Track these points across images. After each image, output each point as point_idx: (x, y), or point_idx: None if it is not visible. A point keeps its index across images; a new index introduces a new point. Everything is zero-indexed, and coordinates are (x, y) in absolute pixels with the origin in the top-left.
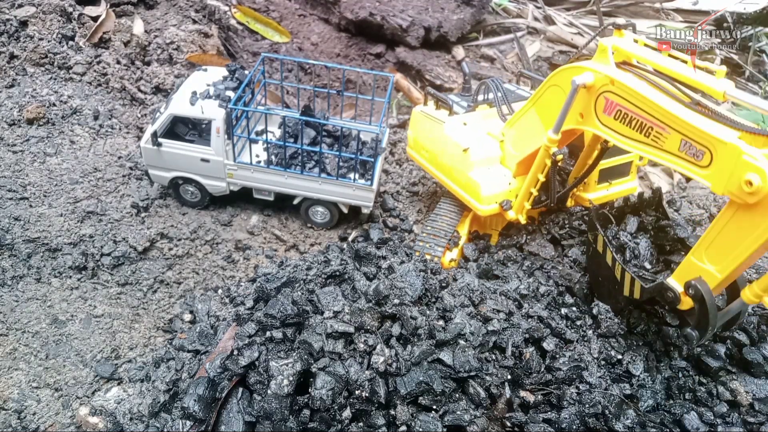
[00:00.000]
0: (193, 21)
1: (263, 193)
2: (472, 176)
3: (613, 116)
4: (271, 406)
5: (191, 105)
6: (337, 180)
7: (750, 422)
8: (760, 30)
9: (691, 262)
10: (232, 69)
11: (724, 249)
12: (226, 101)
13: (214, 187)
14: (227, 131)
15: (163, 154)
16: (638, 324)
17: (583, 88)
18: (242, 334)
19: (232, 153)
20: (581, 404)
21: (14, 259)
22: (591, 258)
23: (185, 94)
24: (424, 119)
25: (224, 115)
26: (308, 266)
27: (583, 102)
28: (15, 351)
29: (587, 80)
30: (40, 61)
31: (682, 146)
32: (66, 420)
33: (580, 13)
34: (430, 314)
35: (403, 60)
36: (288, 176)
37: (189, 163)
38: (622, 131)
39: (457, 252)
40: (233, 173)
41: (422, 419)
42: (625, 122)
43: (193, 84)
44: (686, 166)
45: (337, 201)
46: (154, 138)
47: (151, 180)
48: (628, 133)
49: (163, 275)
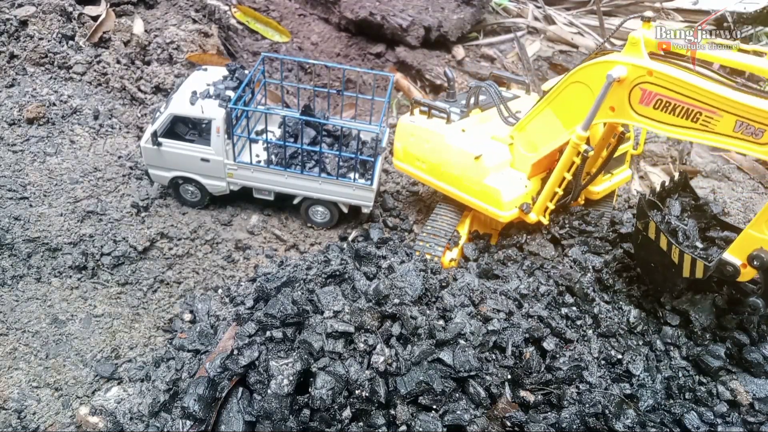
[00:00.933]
0: (193, 21)
1: (263, 192)
2: (489, 183)
3: (652, 106)
4: (271, 406)
5: (191, 105)
6: (337, 180)
7: (750, 422)
8: (760, 29)
9: (750, 235)
10: (232, 69)
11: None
12: (226, 101)
13: (214, 187)
14: (227, 131)
15: (163, 153)
16: (638, 324)
17: (616, 82)
18: (242, 334)
19: (232, 153)
20: (581, 404)
21: (14, 258)
22: (641, 246)
23: (185, 93)
24: (415, 129)
25: (224, 114)
26: (308, 266)
27: (616, 95)
28: (15, 350)
29: (621, 74)
30: (40, 61)
31: (737, 127)
32: (66, 420)
33: (580, 12)
34: (430, 314)
35: (403, 59)
36: (288, 176)
37: (189, 162)
38: (664, 119)
39: (457, 252)
40: (233, 173)
41: (422, 419)
42: (667, 111)
43: (194, 84)
44: (743, 145)
45: (337, 201)
46: (154, 138)
47: (151, 179)
48: (672, 121)
49: (163, 275)
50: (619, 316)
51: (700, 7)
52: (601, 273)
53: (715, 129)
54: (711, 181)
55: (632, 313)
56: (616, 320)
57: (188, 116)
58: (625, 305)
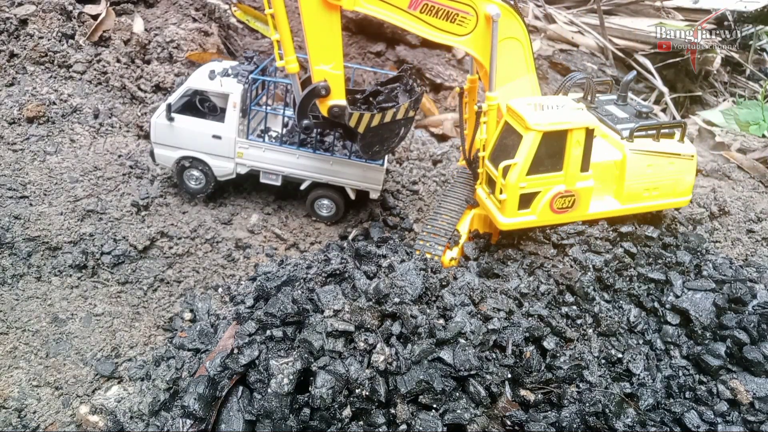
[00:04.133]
0: (193, 19)
1: (270, 177)
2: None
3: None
4: (271, 405)
5: (210, 80)
6: (349, 159)
7: (750, 421)
8: (760, 28)
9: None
10: (249, 56)
11: None
12: (245, 76)
13: (221, 169)
14: (243, 108)
15: (175, 129)
16: (639, 323)
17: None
18: (242, 333)
19: (246, 130)
20: (582, 403)
21: (14, 257)
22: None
23: (203, 72)
24: (648, 157)
25: (242, 90)
26: (308, 265)
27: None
28: (15, 349)
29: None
30: (40, 60)
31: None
32: (66, 418)
33: (581, 11)
34: (430, 313)
35: (403, 58)
36: (300, 155)
37: (199, 140)
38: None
39: (458, 250)
40: (243, 152)
41: (422, 418)
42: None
43: (210, 67)
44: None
45: (346, 184)
46: (168, 110)
47: (155, 160)
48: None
49: (164, 274)
50: (620, 315)
51: (700, 6)
52: (602, 272)
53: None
54: (711, 180)
55: (632, 312)
56: (617, 319)
57: (206, 91)
58: (626, 304)
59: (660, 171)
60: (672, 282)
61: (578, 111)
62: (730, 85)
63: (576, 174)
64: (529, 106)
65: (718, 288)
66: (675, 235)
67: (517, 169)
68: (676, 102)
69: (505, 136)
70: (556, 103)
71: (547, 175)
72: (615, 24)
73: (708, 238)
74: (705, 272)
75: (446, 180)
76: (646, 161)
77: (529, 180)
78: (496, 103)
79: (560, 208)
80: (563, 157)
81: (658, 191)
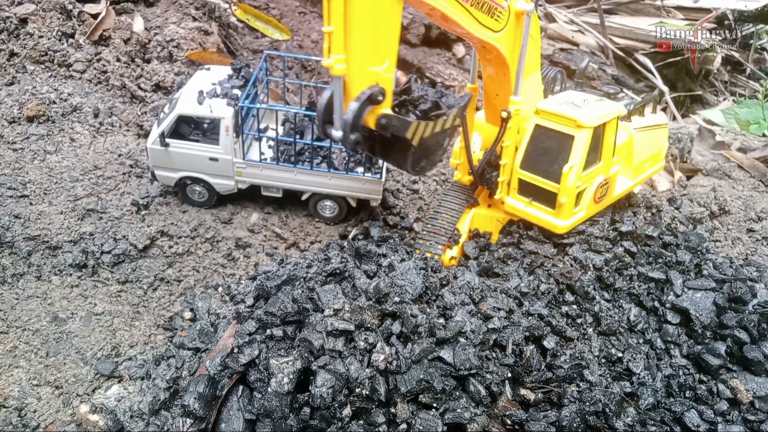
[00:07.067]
0: (193, 18)
1: (271, 190)
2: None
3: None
4: (271, 404)
5: (199, 104)
6: (347, 174)
7: (750, 420)
8: (761, 27)
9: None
10: (237, 67)
11: None
12: (235, 99)
13: (222, 186)
14: (236, 129)
15: (171, 154)
16: (639, 322)
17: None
18: (242, 332)
19: (241, 151)
20: (582, 402)
21: (14, 256)
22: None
23: (191, 93)
24: (645, 132)
25: (233, 113)
26: (308, 264)
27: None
28: (15, 349)
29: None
30: (40, 59)
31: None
32: (66, 418)
33: (581, 10)
34: (430, 312)
35: (403, 57)
36: (297, 172)
37: (197, 162)
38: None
39: (458, 250)
40: (242, 171)
41: (423, 417)
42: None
43: (198, 83)
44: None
45: (346, 195)
46: (162, 139)
47: (157, 179)
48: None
49: (164, 273)
50: (620, 314)
51: (701, 5)
52: (602, 271)
53: None
54: (712, 180)
55: (633, 311)
56: (617, 318)
57: (196, 116)
58: (626, 303)
59: (652, 142)
60: (672, 281)
61: (604, 102)
62: (731, 84)
63: (609, 161)
64: (566, 106)
65: (719, 287)
66: (675, 235)
67: (575, 170)
68: (676, 101)
69: (540, 140)
70: (582, 98)
71: (593, 168)
72: (615, 23)
73: (708, 238)
74: (705, 271)
75: (446, 179)
76: (644, 137)
77: (582, 178)
78: (521, 107)
79: (600, 197)
80: (601, 149)
81: (650, 161)
